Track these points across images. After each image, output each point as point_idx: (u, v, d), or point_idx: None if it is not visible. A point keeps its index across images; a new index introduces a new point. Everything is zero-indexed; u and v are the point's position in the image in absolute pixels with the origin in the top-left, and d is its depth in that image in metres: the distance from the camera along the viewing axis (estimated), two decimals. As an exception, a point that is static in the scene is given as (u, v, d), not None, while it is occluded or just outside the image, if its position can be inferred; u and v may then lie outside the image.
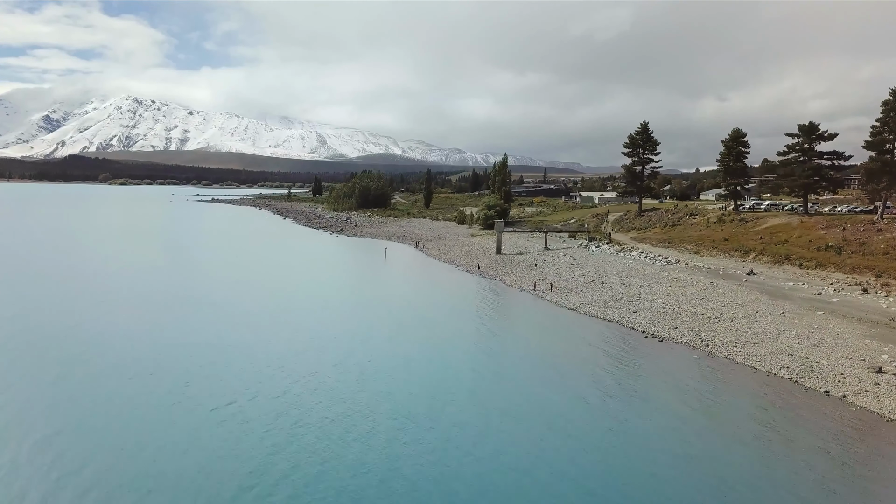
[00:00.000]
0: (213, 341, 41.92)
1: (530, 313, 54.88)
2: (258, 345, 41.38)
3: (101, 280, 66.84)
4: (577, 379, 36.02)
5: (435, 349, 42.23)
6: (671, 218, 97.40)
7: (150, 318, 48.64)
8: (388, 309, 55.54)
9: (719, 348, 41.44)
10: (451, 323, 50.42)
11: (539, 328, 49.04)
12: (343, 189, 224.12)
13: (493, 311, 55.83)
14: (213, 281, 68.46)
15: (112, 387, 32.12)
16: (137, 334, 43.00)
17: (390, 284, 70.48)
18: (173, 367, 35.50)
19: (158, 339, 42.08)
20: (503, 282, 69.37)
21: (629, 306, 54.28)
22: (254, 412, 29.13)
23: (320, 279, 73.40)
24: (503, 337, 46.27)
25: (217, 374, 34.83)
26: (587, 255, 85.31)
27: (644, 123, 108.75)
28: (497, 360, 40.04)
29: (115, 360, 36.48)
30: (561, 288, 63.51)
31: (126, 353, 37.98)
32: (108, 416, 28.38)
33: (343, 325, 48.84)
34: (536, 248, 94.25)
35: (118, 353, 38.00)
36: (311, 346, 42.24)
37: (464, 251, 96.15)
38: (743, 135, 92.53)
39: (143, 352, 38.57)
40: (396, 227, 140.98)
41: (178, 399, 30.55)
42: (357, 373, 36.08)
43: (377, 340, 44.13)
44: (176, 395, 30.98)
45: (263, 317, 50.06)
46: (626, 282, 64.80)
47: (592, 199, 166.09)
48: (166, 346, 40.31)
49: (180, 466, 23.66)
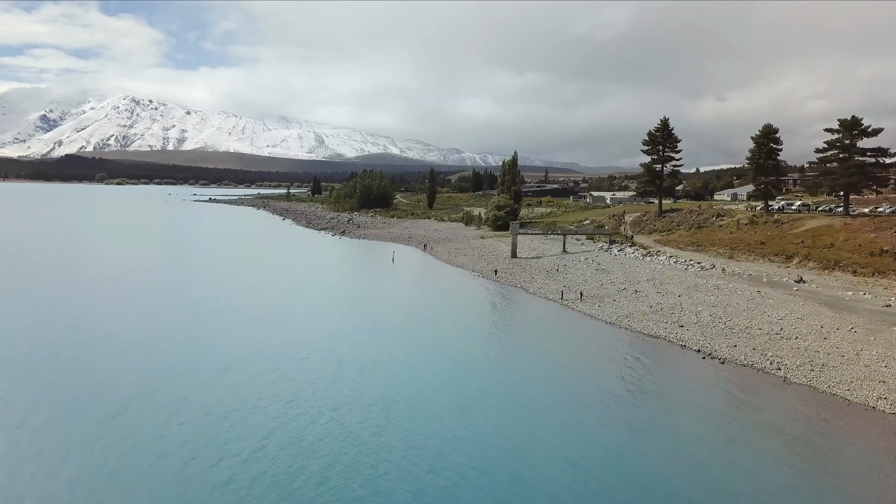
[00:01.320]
0: (213, 352, 38.60)
1: (563, 328, 49.15)
2: (263, 363, 35.80)
3: (89, 291, 61.04)
4: (636, 414, 30.31)
5: (460, 372, 36.55)
6: (696, 219, 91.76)
7: (151, 326, 45.47)
8: (401, 322, 49.82)
9: (794, 373, 35.77)
10: (475, 340, 44.69)
11: (576, 346, 43.32)
12: (344, 189, 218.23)
13: (520, 326, 50.10)
14: (210, 289, 62.68)
15: (117, 396, 31.45)
16: (139, 344, 40.56)
17: (401, 293, 64.74)
18: (174, 379, 34.08)
19: (160, 346, 40.52)
20: (526, 290, 63.64)
21: (672, 319, 48.65)
22: (268, 430, 26.55)
23: (326, 286, 67.62)
24: (536, 358, 40.51)
25: (223, 386, 32.99)
26: (610, 259, 79.64)
27: (664, 120, 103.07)
28: (532, 386, 34.29)
29: (124, 370, 35.56)
30: (591, 297, 57.82)
31: (132, 364, 36.54)
32: (115, 418, 28.46)
33: (354, 342, 43.07)
34: (554, 252, 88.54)
35: (123, 361, 37.04)
36: (321, 363, 36.68)
37: (476, 254, 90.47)
38: (774, 131, 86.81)
39: (147, 358, 37.64)
40: (401, 229, 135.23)
41: (180, 410, 29.55)
42: (375, 401, 30.40)
43: (393, 360, 38.46)
44: (178, 405, 30.21)
45: (265, 332, 44.33)
46: (661, 290, 59.15)
47: (604, 199, 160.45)
48: (170, 353, 38.88)
49: (185, 468, 23.68)
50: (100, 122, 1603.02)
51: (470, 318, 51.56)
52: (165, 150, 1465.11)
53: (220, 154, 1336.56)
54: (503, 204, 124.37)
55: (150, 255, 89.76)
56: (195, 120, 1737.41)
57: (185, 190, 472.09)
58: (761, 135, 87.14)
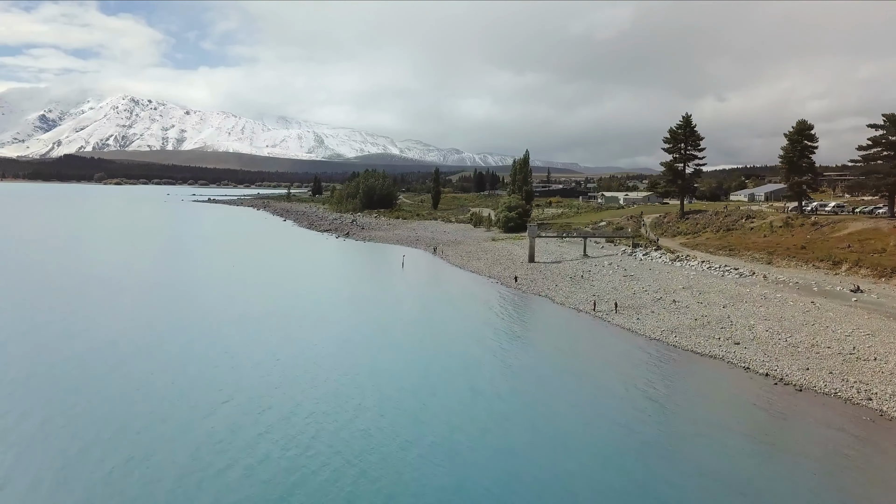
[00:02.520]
0: (214, 361, 35.92)
1: (601, 345, 43.87)
2: (273, 377, 30.78)
3: (78, 302, 55.80)
4: (714, 461, 25.05)
5: (488, 397, 31.47)
6: (724, 221, 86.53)
7: (150, 335, 42.73)
8: (417, 336, 44.61)
9: (890, 405, 30.54)
10: (503, 360, 39.41)
11: (620, 368, 38.03)
12: (346, 189, 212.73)
13: (552, 343, 44.79)
14: (209, 296, 57.44)
15: (125, 402, 30.79)
16: (140, 353, 38.38)
17: (415, 302, 59.46)
18: (179, 383, 33.20)
19: (162, 353, 38.83)
20: (551, 299, 58.36)
21: (724, 334, 43.45)
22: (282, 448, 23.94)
23: (332, 293, 62.32)
24: (576, 384, 35.24)
25: (228, 394, 31.25)
26: (637, 264, 74.37)
27: (686, 116, 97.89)
28: (576, 421, 29.05)
29: (128, 381, 33.96)
30: (627, 308, 52.56)
31: (135, 375, 34.68)
32: (124, 421, 28.15)
33: (367, 355, 37.94)
34: (574, 256, 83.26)
35: (127, 371, 35.52)
36: (333, 376, 32.46)
37: (489, 258, 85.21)
38: (809, 127, 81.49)
39: (149, 366, 36.30)
40: (407, 230, 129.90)
41: (186, 414, 28.94)
42: (394, 428, 25.26)
43: (412, 380, 33.52)
44: (183, 409, 29.55)
45: (271, 343, 39.11)
46: (702, 300, 53.91)
47: (617, 199, 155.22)
48: (173, 360, 37.43)
49: (189, 471, 23.25)
50: (99, 122, 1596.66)
51: (494, 333, 46.28)
52: (164, 150, 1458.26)
53: (219, 154, 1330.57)
54: (514, 205, 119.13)
55: (144, 261, 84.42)
56: (194, 120, 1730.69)
57: (184, 190, 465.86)
58: (795, 131, 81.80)
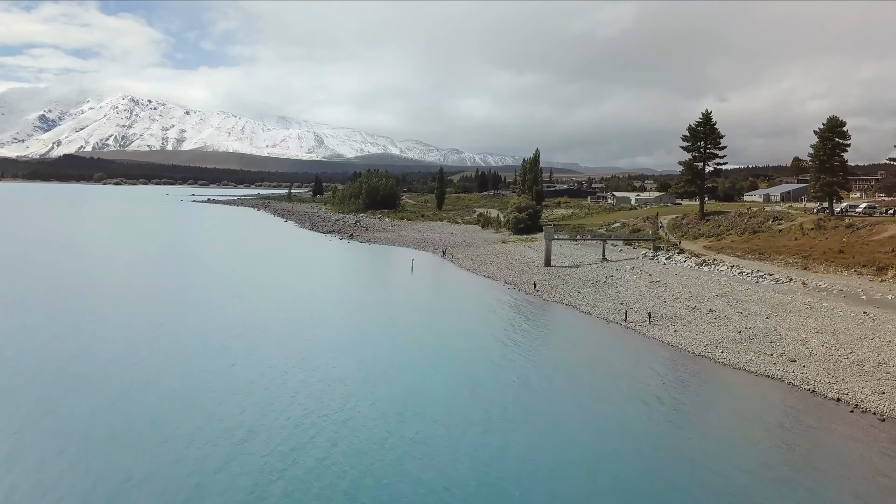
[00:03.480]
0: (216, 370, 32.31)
1: (640, 362, 39.65)
2: (282, 394, 26.69)
3: (68, 312, 51.68)
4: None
5: (517, 424, 27.28)
6: (748, 223, 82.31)
7: (156, 341, 39.58)
8: (433, 353, 40.46)
9: None
10: (532, 381, 35.25)
11: (670, 392, 33.84)
12: (349, 189, 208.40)
13: (584, 361, 40.53)
14: (208, 303, 53.27)
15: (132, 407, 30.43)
16: (145, 363, 34.56)
17: (427, 312, 55.24)
18: (185, 388, 32.72)
19: (164, 360, 37.22)
20: (576, 308, 54.18)
21: (775, 350, 39.33)
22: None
23: (339, 300, 58.17)
24: (621, 414, 31.04)
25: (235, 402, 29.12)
26: (660, 268, 70.19)
27: (706, 113, 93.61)
28: (631, 456, 24.91)
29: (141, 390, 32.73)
30: (660, 318, 48.39)
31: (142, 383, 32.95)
32: (131, 424, 28.32)
33: (379, 373, 33.72)
34: (592, 260, 79.06)
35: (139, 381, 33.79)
36: (346, 392, 27.81)
37: (502, 262, 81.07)
38: (841, 124, 77.26)
39: (153, 374, 35.26)
40: (413, 232, 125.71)
41: (194, 417, 28.94)
42: (413, 455, 21.17)
43: (430, 401, 29.23)
44: (191, 411, 29.47)
45: (274, 361, 34.99)
46: (741, 309, 49.75)
47: (629, 199, 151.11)
48: (179, 366, 36.38)
49: (197, 470, 23.24)
50: (98, 122, 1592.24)
51: (519, 348, 42.11)
52: (164, 150, 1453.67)
53: (219, 154, 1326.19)
54: (524, 205, 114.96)
55: (137, 267, 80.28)
56: (194, 120, 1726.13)
57: (184, 190, 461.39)
58: (826, 128, 77.58)
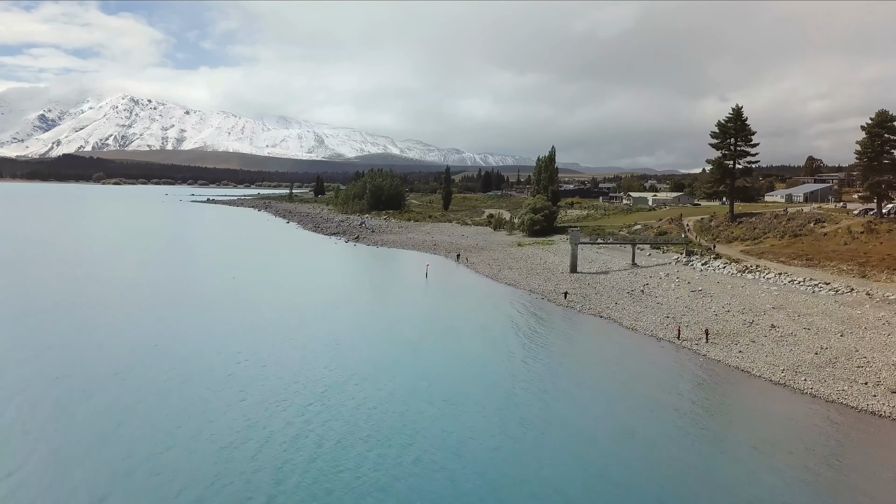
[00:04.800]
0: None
1: (712, 395, 33.94)
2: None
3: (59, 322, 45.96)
4: None
5: (577, 481, 21.57)
6: (787, 226, 76.55)
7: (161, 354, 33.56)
8: (458, 378, 34.69)
9: None
10: (586, 417, 29.56)
11: (759, 435, 28.16)
12: (353, 189, 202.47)
13: (645, 392, 34.72)
14: (207, 314, 47.55)
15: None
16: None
17: (448, 325, 49.44)
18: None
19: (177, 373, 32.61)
20: (618, 322, 48.43)
21: (868, 377, 33.92)
22: None
23: (350, 310, 52.32)
24: (714, 465, 25.35)
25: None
26: (699, 276, 64.46)
27: (737, 108, 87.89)
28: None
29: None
30: (717, 335, 42.69)
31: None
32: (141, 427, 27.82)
33: (400, 400, 28.01)
34: (620, 265, 73.34)
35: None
36: (364, 427, 21.92)
37: (523, 267, 75.34)
38: (890, 119, 71.32)
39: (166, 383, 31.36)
40: (421, 234, 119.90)
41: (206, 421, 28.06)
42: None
43: (460, 444, 23.53)
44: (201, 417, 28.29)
45: (284, 382, 29.31)
46: (806, 325, 44.08)
47: (646, 200, 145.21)
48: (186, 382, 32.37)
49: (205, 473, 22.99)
50: (98, 121, 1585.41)
51: (558, 374, 36.43)
52: (164, 149, 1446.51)
53: (219, 154, 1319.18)
54: (540, 206, 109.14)
55: (131, 273, 74.55)
56: (194, 120, 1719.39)
57: (184, 190, 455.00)
58: (874, 123, 71.69)
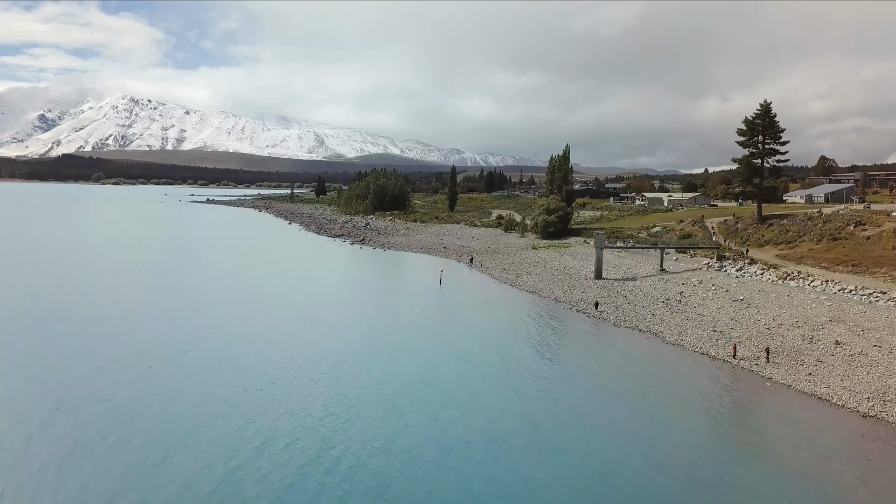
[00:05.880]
0: None
1: (797, 433, 29.21)
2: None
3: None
4: None
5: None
6: (824, 228, 71.86)
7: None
8: (486, 406, 29.97)
9: None
10: (643, 462, 24.85)
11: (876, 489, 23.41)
12: (356, 189, 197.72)
13: (712, 431, 30.02)
14: (220, 324, 42.85)
15: None
16: None
17: (470, 341, 44.70)
18: None
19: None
20: (660, 337, 43.67)
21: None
22: None
23: (361, 322, 47.53)
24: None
25: None
26: (735, 283, 59.74)
27: (766, 104, 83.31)
28: None
29: None
30: (777, 354, 37.98)
31: None
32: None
33: (422, 447, 23.33)
34: (646, 271, 68.61)
35: None
36: None
37: (542, 273, 70.64)
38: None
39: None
40: (430, 236, 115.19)
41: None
42: None
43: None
44: None
45: (293, 407, 24.70)
46: (876, 341, 39.47)
47: (661, 200, 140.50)
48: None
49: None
50: (98, 121, 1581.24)
51: (607, 400, 31.71)
52: (164, 149, 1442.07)
53: (219, 154, 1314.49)
54: (554, 207, 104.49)
55: (128, 282, 69.82)
56: (194, 120, 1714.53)
57: (183, 190, 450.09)
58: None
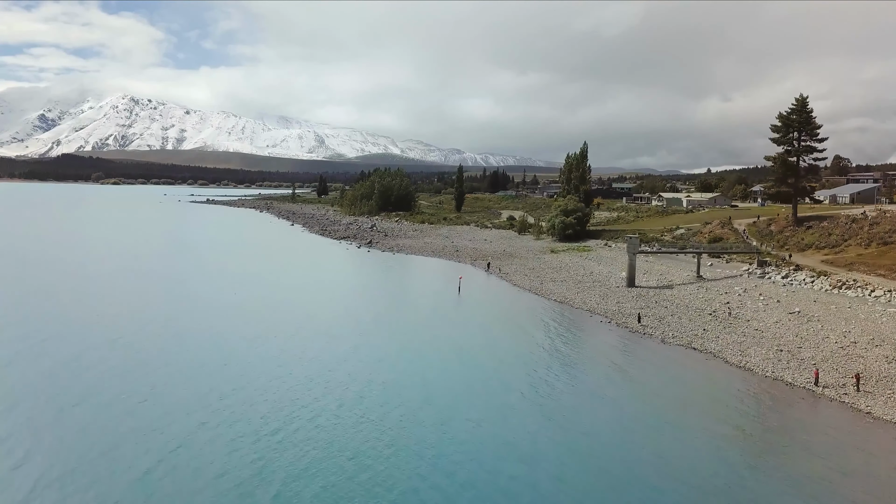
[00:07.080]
0: None
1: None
2: None
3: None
4: None
5: None
6: (871, 232, 66.58)
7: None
8: (541, 447, 24.85)
9: None
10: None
11: None
12: (360, 189, 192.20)
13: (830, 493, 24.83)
14: (226, 332, 37.68)
15: None
16: None
17: (501, 362, 39.44)
18: None
19: None
20: (720, 357, 38.44)
21: None
22: None
23: (376, 336, 42.25)
24: None
25: None
26: (784, 292, 54.50)
27: (802, 98, 78.08)
28: None
29: None
30: (867, 381, 32.78)
31: None
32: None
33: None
34: (682, 278, 63.41)
35: None
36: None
37: (567, 279, 65.46)
38: None
39: None
40: (439, 238, 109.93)
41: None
42: None
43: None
44: None
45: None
46: (974, 365, 34.14)
47: (680, 201, 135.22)
48: None
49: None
50: (98, 121, 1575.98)
51: (680, 443, 26.50)
52: (164, 149, 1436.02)
53: (219, 154, 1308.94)
54: (572, 208, 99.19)
55: (125, 288, 64.64)
56: (194, 119, 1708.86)
57: (183, 190, 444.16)
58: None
